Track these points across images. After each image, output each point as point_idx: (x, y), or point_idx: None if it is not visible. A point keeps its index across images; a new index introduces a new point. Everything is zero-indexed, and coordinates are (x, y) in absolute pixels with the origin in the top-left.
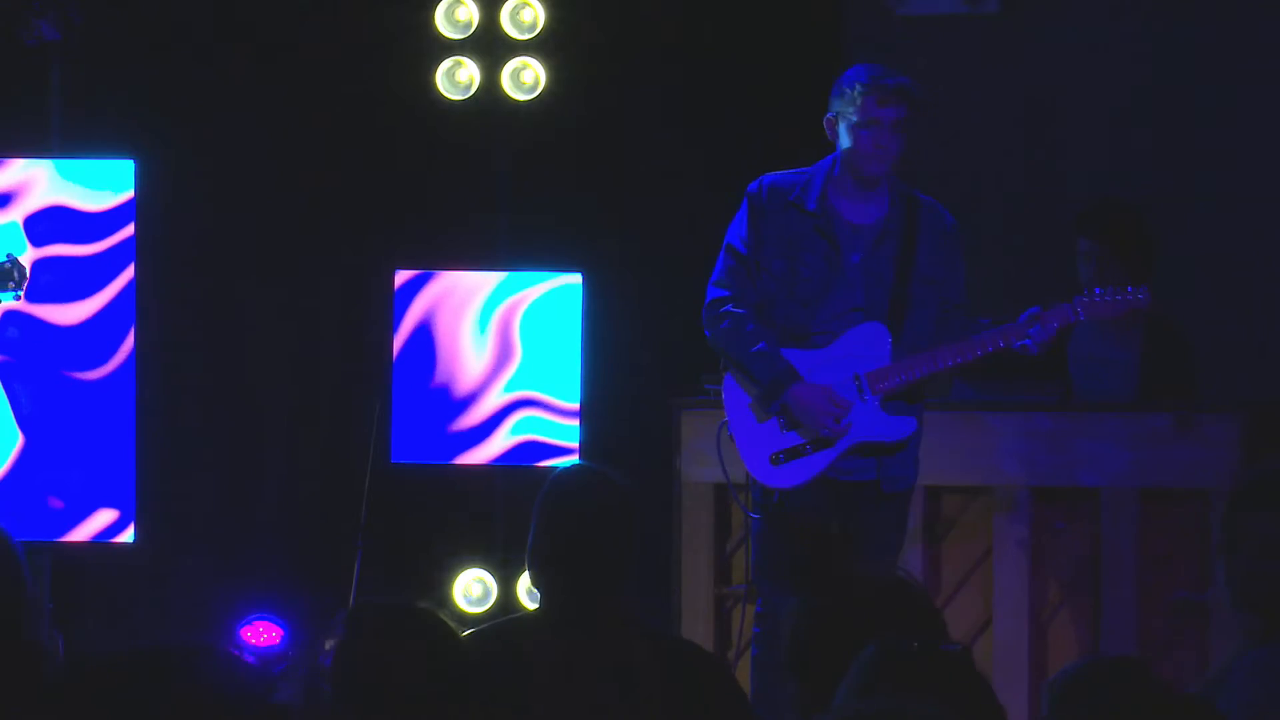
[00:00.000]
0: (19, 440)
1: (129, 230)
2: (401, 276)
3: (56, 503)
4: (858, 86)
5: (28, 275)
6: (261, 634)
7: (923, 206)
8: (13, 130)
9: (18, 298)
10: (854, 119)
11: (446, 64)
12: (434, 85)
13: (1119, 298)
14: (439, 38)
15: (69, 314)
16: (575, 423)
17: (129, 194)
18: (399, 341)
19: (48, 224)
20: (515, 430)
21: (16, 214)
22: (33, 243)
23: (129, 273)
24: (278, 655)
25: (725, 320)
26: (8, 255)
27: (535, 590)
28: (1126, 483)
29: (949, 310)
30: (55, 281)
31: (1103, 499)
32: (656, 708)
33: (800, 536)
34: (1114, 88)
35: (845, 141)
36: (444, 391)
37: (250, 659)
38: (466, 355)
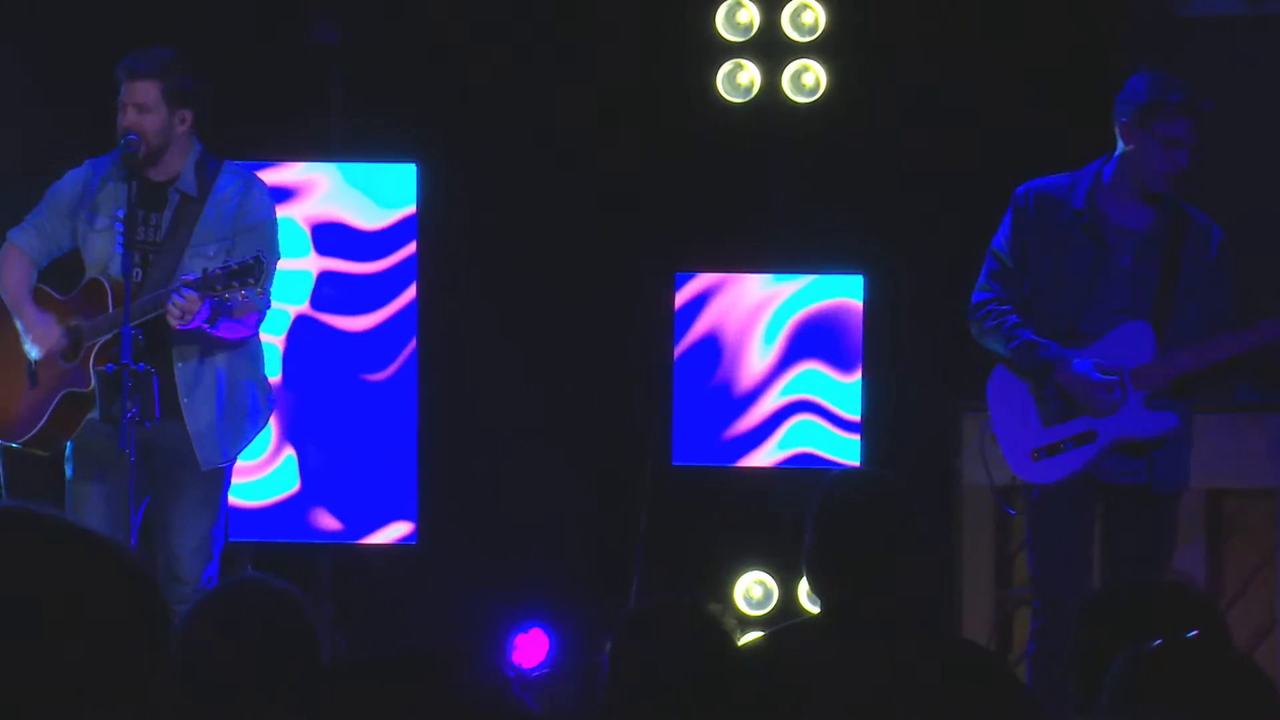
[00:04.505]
0: (295, 485)
1: (411, 245)
2: (681, 279)
3: (334, 523)
4: (1171, 105)
5: (267, 274)
6: (530, 643)
7: (1191, 219)
8: (295, 134)
9: (258, 294)
10: (1159, 134)
11: (727, 66)
12: (714, 88)
13: None
14: (719, 40)
15: (355, 323)
16: (856, 419)
17: (411, 208)
18: (679, 344)
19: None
20: (794, 430)
21: (301, 220)
22: (317, 250)
23: (411, 285)
24: (543, 664)
25: (989, 319)
26: (256, 251)
27: (814, 595)
28: None
29: (1215, 323)
30: (339, 295)
31: None
32: (937, 710)
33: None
34: None
35: (1137, 151)
36: (724, 393)
37: (509, 669)
38: (746, 357)
